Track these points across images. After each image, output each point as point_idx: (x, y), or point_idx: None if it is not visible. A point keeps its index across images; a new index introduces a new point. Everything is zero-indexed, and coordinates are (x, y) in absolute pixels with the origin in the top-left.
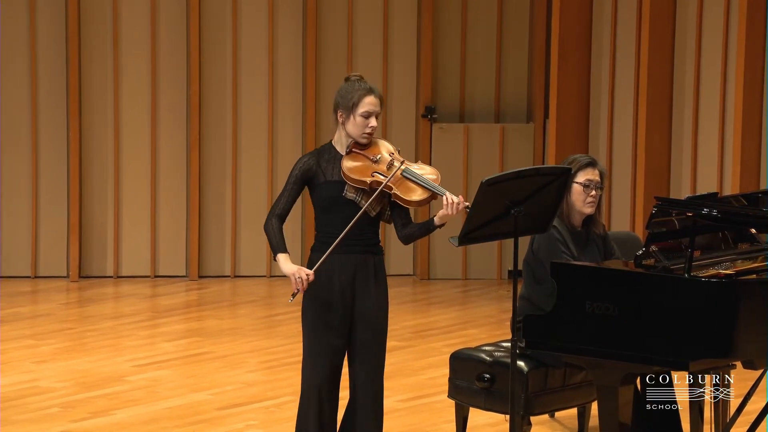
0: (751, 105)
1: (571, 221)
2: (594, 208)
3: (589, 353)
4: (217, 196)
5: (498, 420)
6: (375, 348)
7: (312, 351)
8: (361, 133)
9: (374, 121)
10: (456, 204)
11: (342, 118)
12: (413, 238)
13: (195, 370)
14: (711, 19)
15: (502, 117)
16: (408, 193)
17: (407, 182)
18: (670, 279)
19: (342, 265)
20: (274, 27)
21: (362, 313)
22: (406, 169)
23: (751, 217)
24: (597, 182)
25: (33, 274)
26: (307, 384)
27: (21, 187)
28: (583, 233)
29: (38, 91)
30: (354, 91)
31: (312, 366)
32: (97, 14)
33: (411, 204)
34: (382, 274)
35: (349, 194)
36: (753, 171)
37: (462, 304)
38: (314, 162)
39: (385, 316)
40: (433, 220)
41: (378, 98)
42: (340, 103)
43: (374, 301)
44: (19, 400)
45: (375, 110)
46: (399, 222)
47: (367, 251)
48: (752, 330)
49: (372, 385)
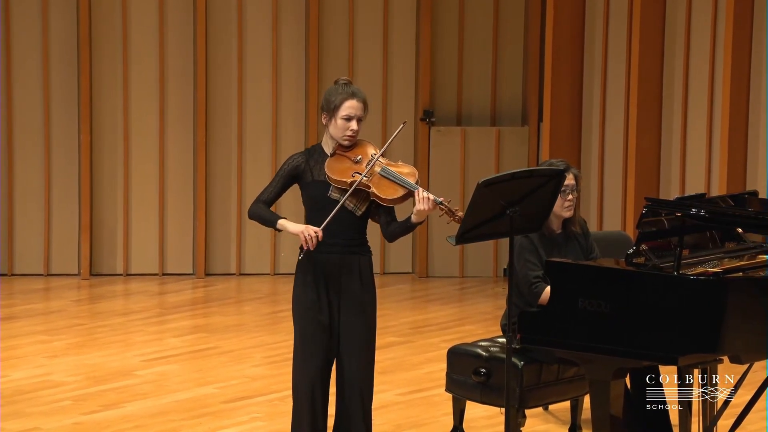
0: (737, 109)
1: (550, 226)
2: (572, 211)
3: (581, 349)
4: (223, 196)
5: (494, 413)
6: (361, 348)
7: (301, 353)
8: (342, 136)
9: (355, 125)
10: (428, 199)
11: (326, 120)
12: (396, 236)
13: (201, 365)
14: (699, 25)
15: (497, 120)
16: (385, 191)
17: (384, 180)
18: (659, 277)
19: (325, 265)
20: (278, 34)
21: (348, 313)
22: (384, 168)
23: (738, 217)
24: (573, 186)
25: (45, 272)
26: (298, 386)
27: (34, 188)
28: (563, 235)
29: (51, 96)
30: (337, 95)
31: (301, 369)
32: (107, 22)
33: (388, 201)
34: (368, 274)
35: (333, 195)
36: (739, 172)
37: (459, 301)
38: (303, 160)
39: (370, 316)
40: (410, 217)
41: (361, 102)
42: (324, 106)
43: (359, 301)
44: (32, 393)
45: (356, 114)
46: (384, 221)
47: (351, 251)
48: (739, 326)
49: (360, 384)
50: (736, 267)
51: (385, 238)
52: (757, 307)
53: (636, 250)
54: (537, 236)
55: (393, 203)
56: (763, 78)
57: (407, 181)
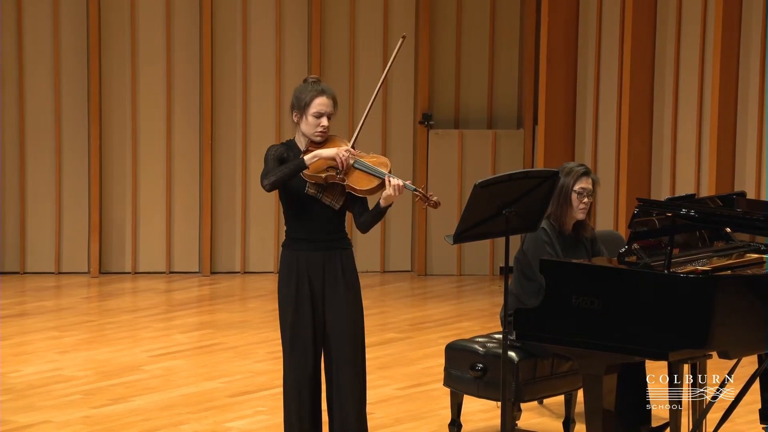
0: (725, 113)
1: (563, 225)
2: (585, 214)
3: (575, 344)
4: (228, 197)
5: (490, 406)
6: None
7: (289, 351)
8: (313, 132)
9: (326, 121)
10: (397, 186)
11: (297, 118)
12: (367, 225)
13: (207, 360)
14: (689, 32)
15: (494, 123)
16: (359, 182)
17: (357, 172)
18: (651, 275)
19: (308, 262)
20: (281, 38)
21: (333, 309)
22: (357, 161)
23: (726, 217)
24: (590, 190)
25: (57, 270)
26: (288, 385)
27: (45, 189)
28: (573, 236)
29: (62, 100)
30: (307, 92)
31: (290, 367)
32: (116, 27)
33: (363, 192)
34: (350, 270)
35: (310, 191)
36: (727, 174)
37: (457, 298)
38: (284, 151)
39: (356, 310)
40: (378, 203)
41: (330, 99)
42: (295, 104)
43: (344, 295)
44: (44, 387)
45: (326, 110)
46: (357, 212)
47: (333, 246)
48: (727, 322)
49: (351, 381)
50: (724, 265)
51: (359, 229)
52: (744, 304)
53: (628, 249)
54: (553, 232)
55: (368, 194)
56: (749, 83)
57: (379, 170)
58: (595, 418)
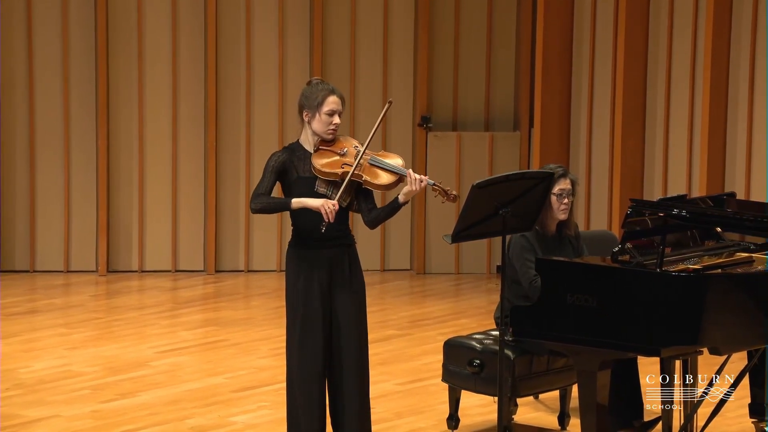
0: (716, 115)
1: (545, 227)
2: (567, 214)
3: (570, 341)
4: (232, 197)
5: (487, 401)
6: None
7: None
8: (326, 130)
9: (338, 119)
10: (419, 180)
11: (308, 117)
12: (379, 221)
13: (212, 356)
14: (681, 35)
15: (491, 126)
16: (377, 178)
17: (375, 169)
18: (643, 273)
19: (318, 260)
20: (284, 42)
21: (341, 305)
22: (373, 158)
23: (717, 217)
24: (569, 190)
25: (65, 269)
26: (297, 380)
27: (54, 189)
28: (557, 236)
29: (70, 103)
30: (318, 92)
31: (297, 363)
32: (123, 31)
33: (381, 188)
34: (356, 266)
35: (320, 189)
36: (718, 174)
37: (455, 296)
38: (287, 158)
39: (361, 306)
40: (397, 198)
41: (340, 98)
42: (305, 103)
43: (350, 293)
44: (53, 382)
45: (338, 108)
46: (365, 208)
47: (341, 243)
48: (718, 320)
49: (357, 378)
50: (715, 264)
51: (367, 225)
52: (734, 301)
53: (621, 248)
54: (534, 237)
55: (386, 189)
56: (739, 86)
57: (397, 167)
58: (590, 413)
